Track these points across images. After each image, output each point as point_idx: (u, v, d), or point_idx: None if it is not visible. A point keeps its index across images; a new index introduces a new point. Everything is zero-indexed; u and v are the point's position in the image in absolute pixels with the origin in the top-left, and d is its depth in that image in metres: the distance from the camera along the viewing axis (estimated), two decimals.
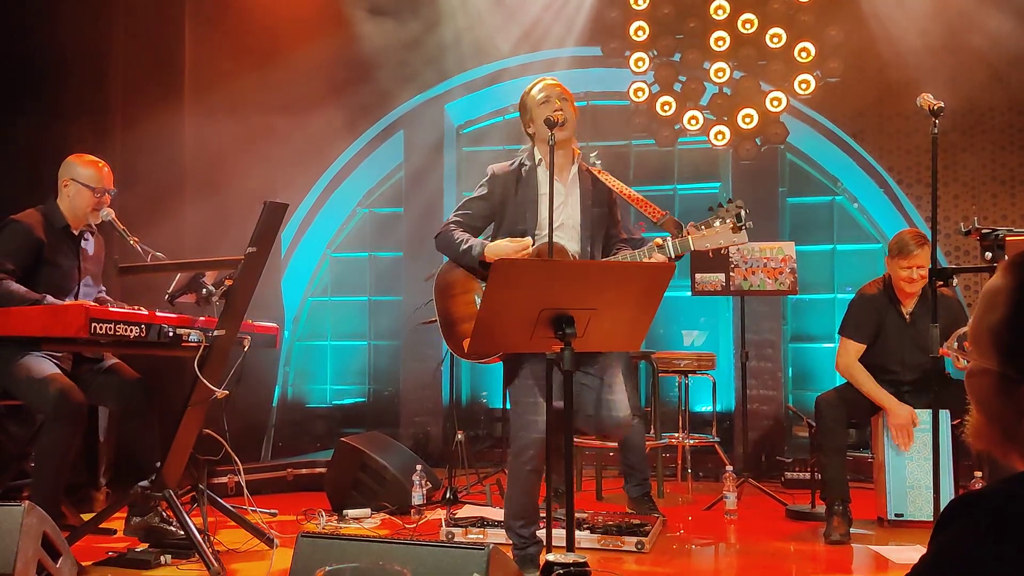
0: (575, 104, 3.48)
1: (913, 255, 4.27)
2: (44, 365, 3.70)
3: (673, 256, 3.15)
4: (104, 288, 4.28)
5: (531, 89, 3.47)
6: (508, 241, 3.37)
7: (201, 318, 3.74)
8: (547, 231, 3.28)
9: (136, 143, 5.41)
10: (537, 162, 3.45)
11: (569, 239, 3.40)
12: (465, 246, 3.39)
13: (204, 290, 3.56)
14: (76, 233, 4.00)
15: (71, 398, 3.59)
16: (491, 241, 3.42)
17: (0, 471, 4.14)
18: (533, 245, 3.34)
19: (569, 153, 3.45)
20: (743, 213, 3.08)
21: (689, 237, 3.13)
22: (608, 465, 5.45)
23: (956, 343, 1.29)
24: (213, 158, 5.73)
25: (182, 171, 5.72)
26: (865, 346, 4.45)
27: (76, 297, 3.96)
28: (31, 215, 3.88)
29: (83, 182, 3.93)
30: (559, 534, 2.94)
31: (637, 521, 4.16)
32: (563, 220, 3.39)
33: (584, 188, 3.44)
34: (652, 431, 5.46)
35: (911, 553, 3.88)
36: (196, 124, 5.78)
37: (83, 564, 3.44)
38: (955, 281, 3.02)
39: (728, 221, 3.09)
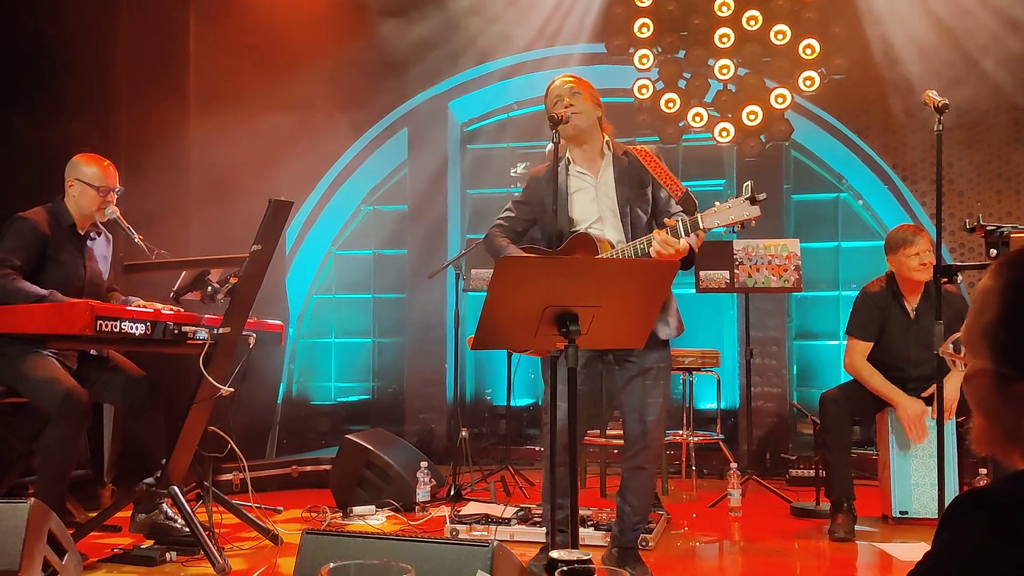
0: (594, 94, 3.44)
1: (917, 242, 4.28)
2: (50, 364, 3.71)
3: (683, 234, 3.09)
4: (116, 286, 4.28)
5: (549, 87, 3.48)
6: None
7: (206, 316, 3.75)
8: (582, 227, 3.36)
9: (141, 141, 5.42)
10: (568, 161, 3.47)
11: (611, 229, 3.37)
12: (502, 252, 3.41)
13: (209, 288, 3.57)
14: (82, 233, 4.01)
15: (77, 398, 3.60)
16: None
17: (5, 468, 4.16)
18: (566, 240, 3.35)
19: (596, 144, 3.44)
20: (754, 193, 3.01)
21: (699, 215, 3.09)
22: (612, 462, 5.45)
23: (952, 347, 1.29)
24: (218, 156, 5.74)
25: (187, 169, 5.73)
26: (872, 344, 4.45)
27: (82, 296, 3.97)
28: (38, 212, 3.89)
29: (88, 181, 3.94)
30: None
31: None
32: (601, 213, 3.39)
33: (619, 174, 3.41)
34: None
35: (916, 550, 3.88)
36: (201, 122, 5.79)
37: (88, 561, 3.46)
38: (960, 278, 3.01)
39: (741, 198, 3.04)
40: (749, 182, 3.04)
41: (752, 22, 6.03)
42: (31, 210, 3.90)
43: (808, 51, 5.97)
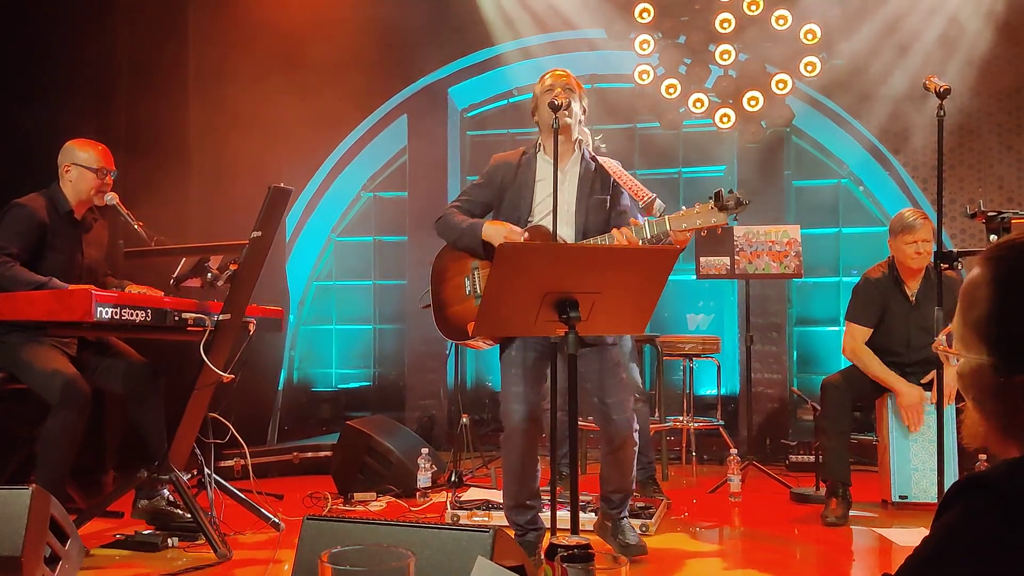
0: (583, 95, 3.51)
1: (917, 229, 4.28)
2: (50, 352, 3.71)
3: (649, 237, 3.15)
4: (110, 271, 4.28)
5: (541, 78, 3.52)
6: (506, 227, 3.39)
7: (207, 302, 3.75)
8: (539, 217, 3.39)
9: (140, 128, 5.41)
10: (537, 149, 3.51)
11: (563, 224, 3.40)
12: (466, 225, 3.45)
13: (209, 274, 3.57)
14: (79, 219, 4.00)
15: (78, 387, 3.60)
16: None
17: (7, 454, 4.16)
18: (524, 230, 3.40)
19: (569, 141, 3.47)
20: (734, 200, 3.03)
21: (666, 218, 3.14)
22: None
23: (945, 340, 1.28)
24: (218, 143, 5.73)
25: (187, 156, 5.71)
26: (871, 330, 4.45)
27: (81, 284, 3.97)
28: (35, 199, 3.88)
29: (85, 165, 3.92)
30: (563, 516, 2.96)
31: (642, 504, 4.18)
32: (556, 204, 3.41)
33: (584, 175, 3.46)
34: (657, 414, 5.48)
35: (915, 535, 3.89)
36: (200, 109, 5.77)
37: (91, 547, 3.47)
38: (961, 266, 3.01)
39: (709, 202, 3.07)
40: (719, 189, 3.06)
41: (753, 7, 6.01)
42: (27, 196, 3.88)
43: (809, 36, 5.94)
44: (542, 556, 1.36)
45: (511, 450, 3.37)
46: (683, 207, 3.14)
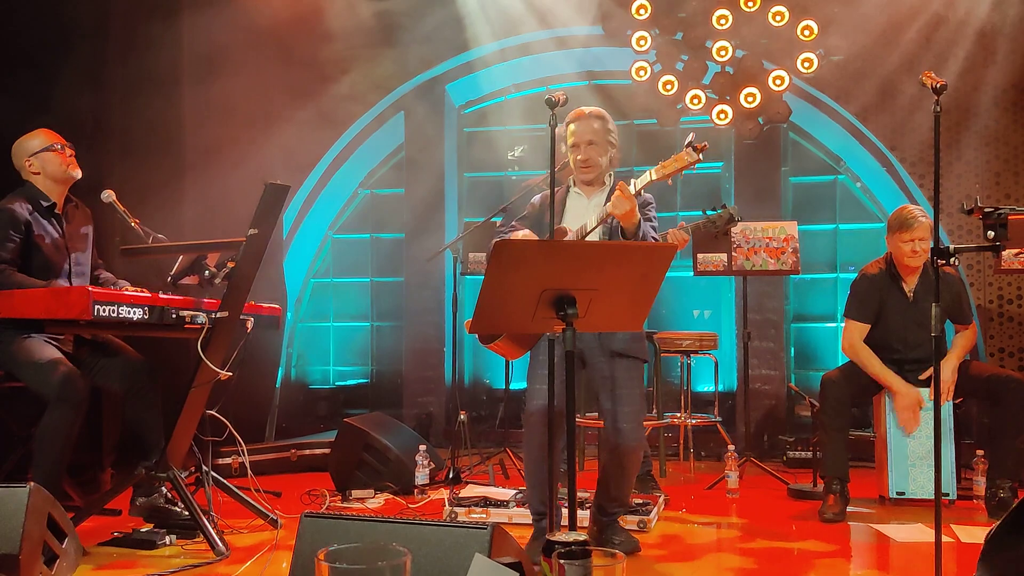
0: (612, 136, 3.62)
1: (914, 228, 4.28)
2: (46, 348, 3.71)
3: (634, 192, 3.24)
4: (102, 263, 4.28)
5: (568, 123, 3.61)
6: (523, 232, 3.54)
7: (204, 300, 3.74)
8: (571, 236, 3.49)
9: (136, 125, 5.40)
10: (568, 188, 3.67)
11: (594, 235, 3.48)
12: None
13: (206, 272, 3.56)
14: (60, 212, 4.01)
15: (74, 382, 3.60)
16: None
17: (5, 452, 4.16)
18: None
19: (599, 180, 3.62)
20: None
21: (648, 169, 3.25)
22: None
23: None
24: (214, 140, 5.72)
25: (183, 153, 5.70)
26: (869, 326, 4.46)
27: (69, 277, 3.98)
28: (12, 200, 3.89)
29: (40, 149, 3.96)
30: (561, 513, 2.96)
31: (639, 500, 4.18)
32: (577, 229, 3.51)
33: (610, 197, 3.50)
34: (654, 411, 5.48)
35: (912, 531, 3.90)
36: (196, 106, 5.76)
37: (88, 545, 3.47)
38: (957, 262, 3.01)
39: (685, 147, 3.17)
40: (692, 134, 3.23)
41: (750, 3, 6.00)
42: (4, 199, 3.89)
43: (806, 32, 5.94)
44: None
45: (532, 435, 3.41)
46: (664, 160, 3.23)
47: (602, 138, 3.56)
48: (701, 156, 3.16)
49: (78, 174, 4.01)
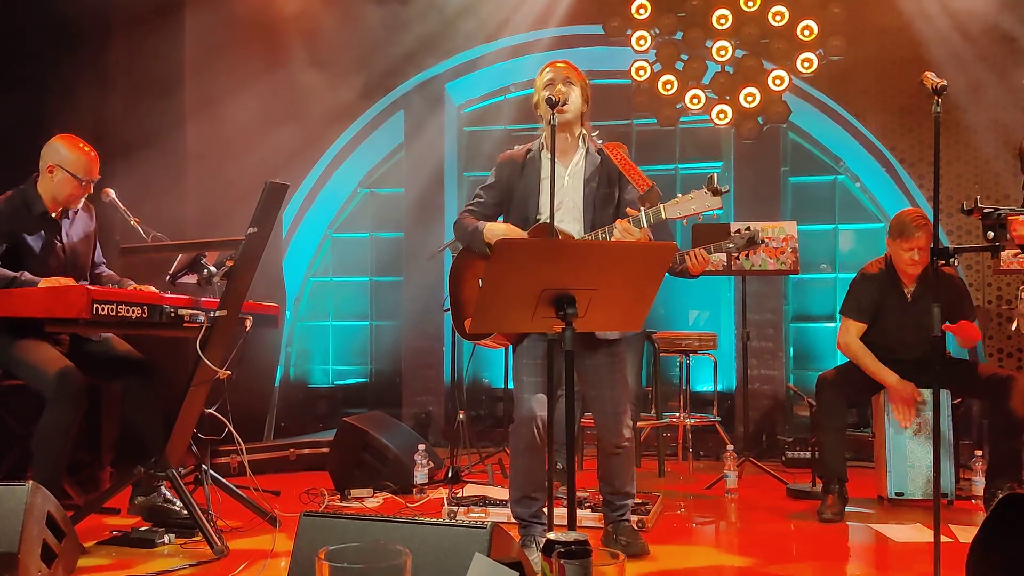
0: (587, 87, 3.48)
1: (914, 237, 4.26)
2: (45, 347, 3.70)
3: (646, 225, 3.16)
4: (104, 261, 4.26)
5: (541, 71, 3.49)
6: (505, 226, 3.46)
7: (203, 299, 3.74)
8: (546, 215, 3.33)
9: (136, 123, 5.39)
10: (541, 146, 3.49)
11: (571, 220, 3.43)
12: (472, 228, 3.50)
13: (205, 271, 3.56)
14: (55, 216, 3.94)
15: (73, 380, 3.59)
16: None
17: (4, 451, 4.16)
18: (529, 230, 3.41)
19: (572, 136, 3.47)
20: (717, 185, 3.07)
21: (661, 205, 3.15)
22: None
23: None
24: (214, 138, 5.71)
25: (183, 151, 5.70)
26: (866, 325, 4.46)
27: (65, 275, 3.95)
28: (6, 202, 3.83)
29: (70, 170, 3.84)
30: (560, 512, 2.96)
31: (638, 500, 4.18)
32: (561, 201, 3.42)
33: (590, 169, 3.45)
34: (653, 410, 5.48)
35: (911, 532, 3.90)
36: (196, 104, 5.75)
37: (87, 543, 3.47)
38: (956, 262, 3.01)
39: (704, 188, 3.09)
40: (713, 174, 3.09)
41: (750, 3, 6.01)
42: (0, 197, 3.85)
43: (806, 32, 5.94)
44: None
45: (519, 440, 3.38)
46: (678, 196, 3.14)
47: (580, 82, 3.44)
48: (721, 203, 3.05)
49: (78, 207, 3.97)
